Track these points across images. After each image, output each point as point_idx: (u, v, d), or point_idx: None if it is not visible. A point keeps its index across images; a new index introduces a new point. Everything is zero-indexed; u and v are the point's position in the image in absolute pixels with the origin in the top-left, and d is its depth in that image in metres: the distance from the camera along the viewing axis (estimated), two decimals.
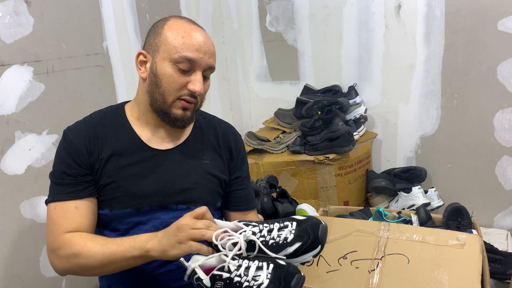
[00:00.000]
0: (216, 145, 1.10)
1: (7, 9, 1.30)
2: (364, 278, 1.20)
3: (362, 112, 2.18)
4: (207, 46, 0.98)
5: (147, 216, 1.00)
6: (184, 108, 0.98)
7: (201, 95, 1.00)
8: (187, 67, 0.95)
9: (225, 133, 1.13)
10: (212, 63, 0.99)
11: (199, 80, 0.96)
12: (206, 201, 1.01)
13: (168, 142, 1.05)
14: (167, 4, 2.12)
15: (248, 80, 2.55)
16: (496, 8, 1.86)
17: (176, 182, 1.01)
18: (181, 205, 1.01)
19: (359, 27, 2.18)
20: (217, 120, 1.17)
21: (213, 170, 1.07)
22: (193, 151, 1.06)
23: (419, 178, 2.08)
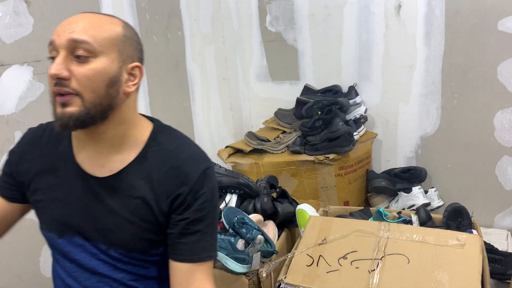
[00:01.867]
0: (156, 183, 0.85)
1: (7, 9, 1.30)
2: (364, 278, 1.20)
3: (362, 112, 2.18)
4: (70, 23, 0.79)
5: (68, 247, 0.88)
6: (62, 104, 0.77)
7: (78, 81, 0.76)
8: (54, 53, 0.79)
9: (174, 168, 0.85)
10: (74, 36, 0.76)
11: (57, 61, 0.77)
12: (129, 247, 0.86)
13: (103, 167, 0.86)
14: (167, 4, 2.12)
15: (248, 80, 2.55)
16: (496, 8, 1.86)
17: (98, 218, 0.86)
18: (101, 244, 0.87)
19: (359, 27, 2.18)
20: (173, 149, 0.87)
21: (144, 213, 0.84)
22: (126, 186, 0.85)
23: (419, 178, 2.08)
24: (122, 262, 0.87)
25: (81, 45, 0.77)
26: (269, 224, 1.64)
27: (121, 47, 0.81)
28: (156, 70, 2.06)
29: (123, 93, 0.82)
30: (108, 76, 0.79)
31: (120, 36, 0.81)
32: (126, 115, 0.84)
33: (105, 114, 0.80)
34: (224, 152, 2.19)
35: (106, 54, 0.78)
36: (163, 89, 2.15)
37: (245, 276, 1.34)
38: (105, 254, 0.87)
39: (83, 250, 0.87)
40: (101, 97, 0.78)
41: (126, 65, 0.82)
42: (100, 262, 0.87)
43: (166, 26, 2.13)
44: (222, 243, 1.38)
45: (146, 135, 0.88)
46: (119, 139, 0.85)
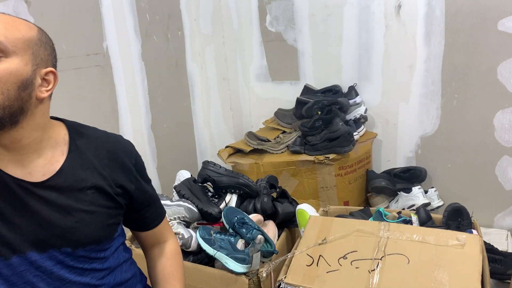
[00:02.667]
0: (100, 168, 0.87)
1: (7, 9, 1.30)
2: (364, 278, 1.20)
3: (362, 112, 2.18)
4: None
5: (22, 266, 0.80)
6: None
7: None
8: None
9: (111, 150, 0.90)
10: None
11: None
12: (97, 239, 0.86)
13: (36, 172, 0.81)
14: (167, 4, 2.12)
15: (248, 80, 2.55)
16: (496, 8, 1.86)
17: (55, 223, 0.81)
18: (65, 248, 0.82)
19: (359, 27, 2.18)
20: (100, 136, 0.92)
21: (102, 200, 0.86)
22: (72, 181, 0.83)
23: (419, 178, 2.08)
24: (89, 260, 0.86)
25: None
26: (269, 224, 1.64)
27: (35, 50, 0.78)
28: (156, 70, 2.06)
29: (35, 98, 0.78)
30: (20, 78, 0.75)
31: (35, 38, 0.78)
32: (40, 120, 0.81)
33: (15, 119, 0.76)
34: (224, 152, 2.19)
35: (19, 56, 0.75)
36: (163, 89, 2.15)
37: (245, 276, 1.34)
38: (71, 257, 0.83)
39: (42, 263, 0.81)
40: (12, 100, 0.74)
41: (40, 69, 0.79)
42: (67, 269, 0.83)
43: (166, 26, 2.13)
44: (222, 243, 1.38)
45: (64, 133, 0.87)
46: (37, 144, 0.81)
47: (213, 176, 1.68)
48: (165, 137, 2.17)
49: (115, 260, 0.93)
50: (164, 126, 2.16)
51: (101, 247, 0.88)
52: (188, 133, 2.41)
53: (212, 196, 1.71)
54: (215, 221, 1.60)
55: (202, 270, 1.41)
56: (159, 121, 2.11)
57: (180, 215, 1.55)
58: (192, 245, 1.46)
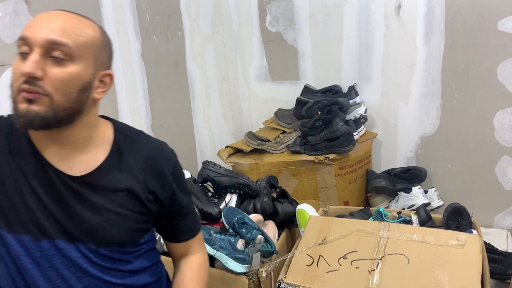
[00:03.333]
0: (138, 173, 0.88)
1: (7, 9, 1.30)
2: (364, 278, 1.20)
3: (362, 112, 2.18)
4: (48, 21, 0.77)
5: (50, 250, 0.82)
6: (28, 100, 0.75)
7: (51, 83, 0.75)
8: (25, 49, 0.76)
9: (151, 156, 0.90)
10: (53, 37, 0.74)
11: (32, 59, 0.74)
12: (121, 241, 0.86)
13: (76, 167, 0.84)
14: (167, 4, 2.12)
15: (248, 80, 2.55)
16: (496, 8, 1.86)
17: (83, 218, 0.83)
18: (89, 244, 0.84)
19: (359, 27, 2.18)
20: (143, 141, 0.93)
21: (132, 204, 0.86)
22: (107, 181, 0.85)
23: (419, 178, 2.08)
24: (112, 260, 0.86)
25: (60, 47, 0.75)
26: (269, 224, 1.64)
27: (97, 54, 0.81)
28: (156, 70, 2.06)
29: (92, 99, 0.82)
30: (81, 82, 0.78)
31: (98, 42, 0.81)
32: (91, 119, 0.85)
33: (72, 119, 0.79)
34: (224, 152, 2.19)
35: (83, 60, 0.78)
36: (163, 89, 2.15)
37: (245, 276, 1.34)
38: (95, 254, 0.84)
39: (68, 252, 0.83)
40: (72, 102, 0.77)
41: (99, 72, 0.82)
42: (90, 263, 0.84)
43: (166, 26, 2.13)
44: (222, 243, 1.38)
45: (109, 133, 0.89)
46: (84, 141, 0.84)
47: (213, 176, 1.68)
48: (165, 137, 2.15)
49: (139, 264, 0.92)
50: (164, 126, 2.16)
51: (124, 250, 0.88)
52: (188, 133, 2.41)
53: (212, 196, 1.71)
54: (215, 221, 1.60)
55: None
56: (159, 121, 2.11)
57: None
58: None
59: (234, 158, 2.16)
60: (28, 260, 0.82)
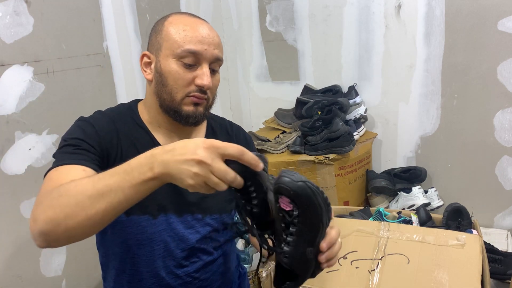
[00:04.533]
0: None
1: (7, 9, 1.30)
2: (364, 278, 1.20)
3: (362, 112, 2.18)
4: (211, 37, 0.92)
5: (162, 226, 0.94)
6: (195, 104, 0.92)
7: (211, 90, 0.94)
8: (192, 61, 0.90)
9: (237, 137, 1.09)
10: (218, 54, 0.93)
11: (207, 73, 0.90)
12: (220, 210, 0.99)
13: None
14: (167, 4, 2.12)
15: (248, 80, 2.55)
16: (496, 8, 1.86)
17: (190, 193, 0.86)
18: (197, 214, 0.97)
19: (359, 27, 2.18)
20: (227, 123, 1.12)
21: None
22: None
23: (419, 178, 2.08)
24: (212, 229, 0.98)
25: (219, 62, 0.95)
26: None
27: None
28: None
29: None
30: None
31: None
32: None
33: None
34: None
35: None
36: None
37: None
38: (201, 224, 0.96)
39: (177, 225, 0.94)
40: (214, 100, 0.98)
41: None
42: (194, 234, 0.96)
43: None
44: None
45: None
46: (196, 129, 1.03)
47: None
48: None
49: (226, 236, 1.03)
50: None
51: (222, 218, 1.00)
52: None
53: None
54: None
55: None
56: None
57: None
58: None
59: None
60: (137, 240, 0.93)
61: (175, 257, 0.95)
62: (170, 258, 0.95)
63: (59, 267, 1.48)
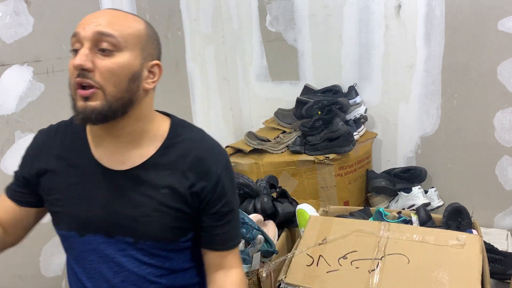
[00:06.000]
0: (181, 171, 0.87)
1: (7, 9, 1.30)
2: (364, 278, 1.20)
3: (362, 112, 2.18)
4: (95, 17, 0.81)
5: (91, 245, 0.87)
6: (85, 98, 0.78)
7: (101, 74, 0.78)
8: (77, 46, 0.80)
9: (199, 157, 0.88)
10: (100, 29, 0.78)
11: (81, 52, 0.78)
12: (157, 238, 0.86)
13: (123, 161, 0.86)
14: (167, 4, 2.12)
15: (248, 80, 2.55)
16: (496, 8, 1.86)
17: (124, 212, 0.85)
18: (128, 237, 0.86)
19: (359, 27, 2.18)
20: (195, 140, 0.91)
21: (173, 202, 0.86)
22: (151, 177, 0.86)
23: (419, 178, 2.08)
24: (149, 255, 0.87)
25: (106, 38, 0.79)
26: (269, 224, 1.64)
27: (144, 45, 0.84)
28: None
29: (142, 90, 0.85)
30: (130, 71, 0.81)
31: (144, 34, 0.84)
32: (144, 111, 0.87)
33: (126, 109, 0.82)
34: None
35: (130, 50, 0.81)
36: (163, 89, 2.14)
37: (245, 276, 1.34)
38: (133, 247, 0.86)
39: (107, 246, 0.86)
40: (123, 92, 0.80)
41: (147, 63, 0.85)
42: (127, 258, 0.86)
43: (166, 26, 2.13)
44: None
45: (164, 129, 0.91)
46: (138, 134, 0.87)
47: None
48: None
49: (178, 264, 0.91)
50: None
51: (162, 246, 0.88)
52: None
53: None
54: None
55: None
56: None
57: None
58: None
59: (234, 158, 2.16)
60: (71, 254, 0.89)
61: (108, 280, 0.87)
62: (103, 281, 0.87)
63: (59, 267, 1.48)
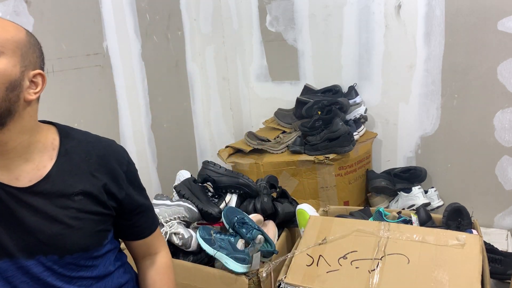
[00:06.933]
0: (89, 174, 0.85)
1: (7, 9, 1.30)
2: (364, 278, 1.20)
3: (362, 112, 2.18)
4: None
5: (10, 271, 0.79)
6: None
7: None
8: None
9: (102, 156, 0.88)
10: None
11: None
12: (85, 246, 0.84)
13: (23, 177, 0.80)
14: (167, 4, 2.12)
15: (248, 80, 2.55)
16: (496, 8, 1.86)
17: (40, 231, 0.79)
18: (52, 255, 0.80)
19: (359, 27, 2.18)
20: (91, 141, 0.90)
21: (90, 206, 0.84)
22: (60, 187, 0.82)
23: (419, 178, 2.08)
24: (77, 268, 0.84)
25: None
26: (269, 224, 1.64)
27: (24, 52, 0.77)
28: (156, 70, 2.06)
29: (23, 100, 0.77)
30: (8, 79, 0.74)
31: (24, 41, 0.78)
32: (27, 123, 0.80)
33: (3, 121, 0.75)
34: (224, 152, 2.19)
35: (8, 56, 0.74)
36: (163, 89, 2.15)
37: (245, 276, 1.34)
38: (58, 264, 0.81)
39: (30, 269, 0.80)
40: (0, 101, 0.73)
41: (28, 72, 0.78)
42: (53, 276, 0.82)
43: (166, 26, 2.13)
44: (222, 243, 1.38)
45: (53, 137, 0.86)
46: (24, 148, 0.80)
47: (213, 176, 1.68)
48: (165, 137, 2.17)
49: (105, 269, 0.90)
50: (164, 126, 2.17)
51: (89, 254, 0.86)
52: (188, 133, 2.41)
53: (212, 196, 1.71)
54: (215, 221, 1.60)
55: (202, 270, 1.41)
56: (159, 121, 2.11)
57: (180, 215, 1.55)
58: (192, 245, 1.46)
59: (234, 158, 2.16)
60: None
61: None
62: None
63: None
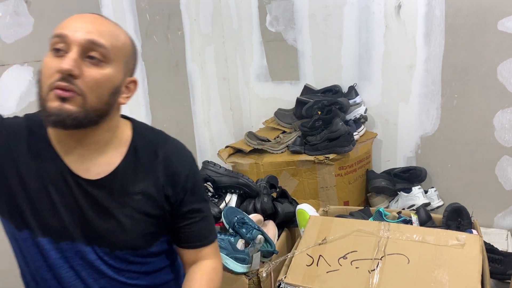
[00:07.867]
0: (153, 175, 0.87)
1: (7, 9, 1.30)
2: (364, 278, 1.20)
3: (362, 112, 2.18)
4: (85, 22, 0.79)
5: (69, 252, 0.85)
6: (61, 98, 0.75)
7: (86, 83, 0.75)
8: (61, 46, 0.76)
9: (168, 159, 0.89)
10: (93, 37, 0.76)
11: (71, 56, 0.74)
12: (134, 246, 0.87)
13: (93, 170, 0.84)
14: (167, 4, 2.12)
15: (248, 80, 2.55)
16: (496, 8, 1.86)
17: (97, 223, 0.84)
18: (104, 247, 0.85)
19: (359, 27, 2.18)
20: (160, 141, 0.92)
21: (147, 207, 0.86)
22: (122, 184, 0.85)
23: (419, 178, 2.08)
24: (126, 262, 0.88)
25: (98, 48, 0.77)
26: (269, 224, 1.64)
27: (127, 59, 0.83)
28: (156, 70, 2.06)
29: (118, 104, 0.84)
30: (114, 85, 0.80)
31: (129, 49, 0.84)
32: (114, 123, 0.86)
33: (100, 120, 0.81)
34: (224, 152, 2.19)
35: (116, 63, 0.80)
36: (163, 89, 2.15)
37: (245, 276, 1.35)
38: (109, 256, 0.86)
39: (86, 254, 0.85)
40: (103, 104, 0.79)
41: (126, 78, 0.84)
42: (105, 265, 0.86)
43: (166, 26, 2.13)
44: (222, 243, 1.38)
45: (128, 134, 0.89)
46: (104, 143, 0.85)
47: (213, 176, 1.68)
48: None
49: (155, 266, 0.93)
50: (164, 126, 2.16)
51: (139, 253, 0.88)
52: (188, 133, 2.41)
53: (212, 196, 1.71)
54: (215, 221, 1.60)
55: None
56: (159, 121, 2.11)
57: None
58: None
59: (234, 158, 2.16)
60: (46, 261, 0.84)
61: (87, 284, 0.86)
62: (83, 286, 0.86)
63: None
